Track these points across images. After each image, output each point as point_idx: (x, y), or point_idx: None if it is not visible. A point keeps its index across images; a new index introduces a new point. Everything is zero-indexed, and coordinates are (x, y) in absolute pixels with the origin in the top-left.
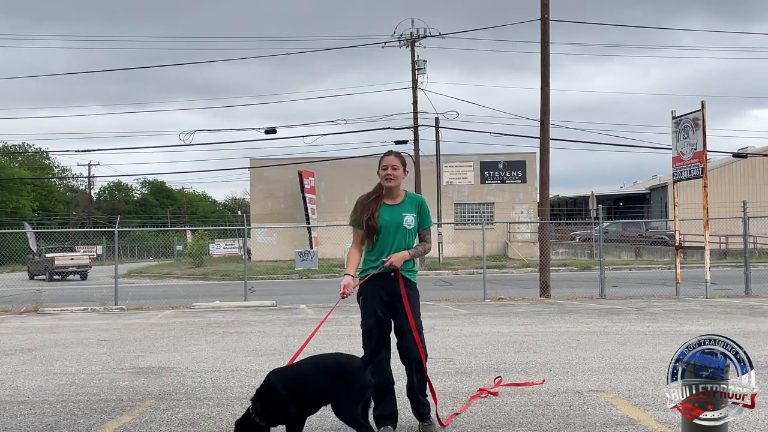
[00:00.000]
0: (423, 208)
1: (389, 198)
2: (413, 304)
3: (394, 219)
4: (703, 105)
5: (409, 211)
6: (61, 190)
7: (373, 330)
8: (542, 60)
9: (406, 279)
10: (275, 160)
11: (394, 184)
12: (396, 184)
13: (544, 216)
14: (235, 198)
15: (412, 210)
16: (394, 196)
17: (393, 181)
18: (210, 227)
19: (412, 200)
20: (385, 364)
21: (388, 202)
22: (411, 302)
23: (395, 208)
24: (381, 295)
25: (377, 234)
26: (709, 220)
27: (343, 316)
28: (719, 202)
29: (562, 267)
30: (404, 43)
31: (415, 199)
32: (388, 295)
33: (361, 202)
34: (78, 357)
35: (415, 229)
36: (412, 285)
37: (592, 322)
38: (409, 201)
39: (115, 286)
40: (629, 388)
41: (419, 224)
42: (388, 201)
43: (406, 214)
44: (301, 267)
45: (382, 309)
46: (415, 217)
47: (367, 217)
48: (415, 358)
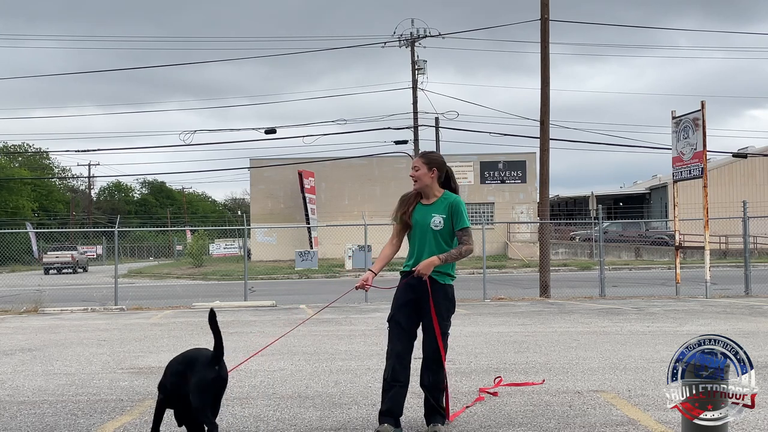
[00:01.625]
0: (455, 208)
1: (425, 198)
2: (439, 307)
3: (424, 219)
4: (703, 105)
5: (438, 211)
6: (61, 190)
7: (391, 323)
8: (542, 60)
9: (437, 282)
10: (275, 160)
11: (418, 185)
12: (420, 185)
13: (544, 216)
14: (235, 198)
15: (443, 211)
16: (429, 197)
17: (417, 182)
18: (210, 227)
19: (445, 201)
20: (397, 361)
21: (424, 202)
22: (437, 305)
23: (427, 208)
24: (409, 294)
25: (410, 232)
26: (709, 220)
27: (344, 316)
28: (719, 202)
29: (562, 267)
30: (404, 43)
31: (448, 200)
32: (415, 294)
33: (401, 199)
34: (78, 357)
35: (447, 231)
36: (445, 288)
37: (592, 322)
38: (441, 201)
39: (115, 286)
40: (629, 388)
41: (453, 225)
42: (423, 201)
43: (435, 215)
44: (301, 267)
45: (405, 309)
46: (444, 218)
47: (401, 213)
48: (429, 357)
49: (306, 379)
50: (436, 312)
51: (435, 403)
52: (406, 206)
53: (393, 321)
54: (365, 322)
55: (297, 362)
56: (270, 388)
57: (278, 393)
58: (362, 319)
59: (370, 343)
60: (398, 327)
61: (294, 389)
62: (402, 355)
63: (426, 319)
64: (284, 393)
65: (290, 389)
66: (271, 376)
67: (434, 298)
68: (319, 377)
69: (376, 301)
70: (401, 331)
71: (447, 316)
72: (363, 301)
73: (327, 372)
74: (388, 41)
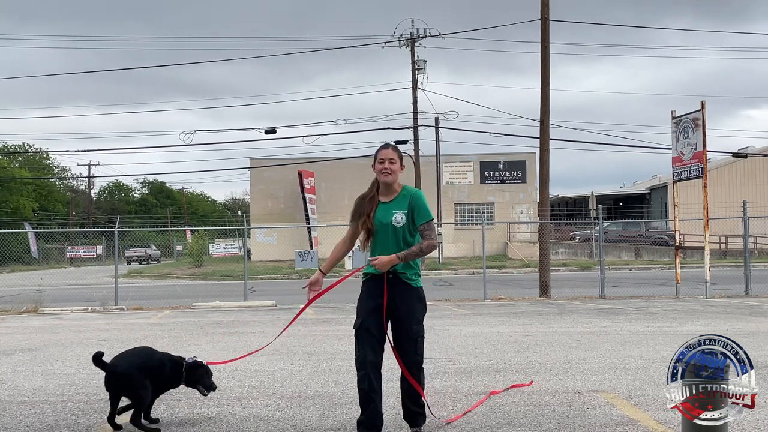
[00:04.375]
0: (415, 201)
1: (385, 195)
2: (414, 311)
3: (385, 218)
4: (703, 105)
5: (399, 207)
6: (61, 191)
7: (360, 330)
8: (542, 60)
9: (403, 282)
10: (275, 160)
11: (391, 179)
12: (393, 179)
13: (544, 216)
14: (235, 198)
15: (404, 206)
16: (390, 193)
17: (390, 175)
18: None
19: (405, 196)
20: (373, 370)
21: (383, 199)
22: (413, 309)
23: (387, 206)
24: (377, 299)
25: (372, 234)
26: (709, 220)
27: (344, 316)
28: (719, 202)
29: (562, 267)
30: (404, 43)
31: (408, 194)
32: (381, 298)
33: (359, 202)
34: (78, 357)
35: (408, 227)
36: (412, 289)
37: (592, 322)
38: (402, 197)
39: (115, 286)
40: (629, 388)
41: (414, 220)
42: (383, 198)
43: (396, 212)
44: (301, 267)
45: (373, 314)
46: (405, 214)
47: (362, 221)
48: (409, 363)
49: (306, 379)
50: (412, 316)
51: (415, 406)
52: (366, 211)
53: (362, 328)
54: None
55: (297, 362)
56: (270, 388)
57: (278, 393)
58: None
59: None
60: (369, 334)
61: (294, 389)
62: (376, 364)
63: (401, 324)
64: (284, 393)
65: (290, 389)
66: (271, 376)
67: (408, 301)
68: (319, 377)
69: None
70: (372, 338)
71: (422, 319)
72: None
73: (327, 372)
74: (389, 41)
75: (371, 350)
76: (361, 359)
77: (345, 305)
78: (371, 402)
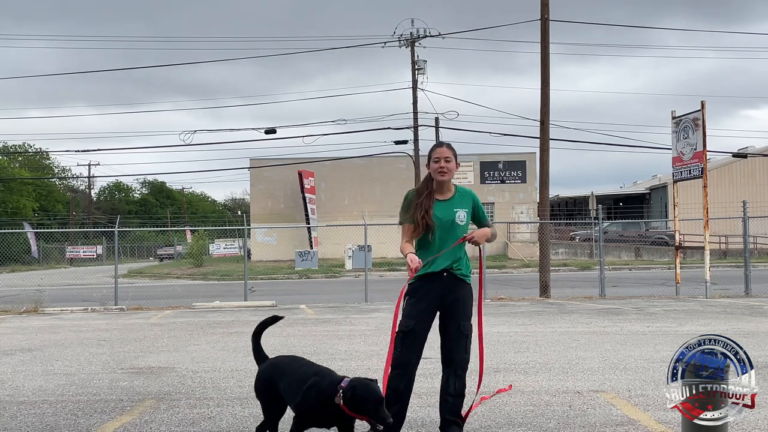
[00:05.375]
0: (477, 201)
1: (440, 193)
2: (468, 309)
3: (447, 216)
4: (703, 105)
5: (460, 206)
6: (61, 191)
7: (410, 333)
8: (542, 60)
9: (459, 279)
10: (275, 160)
11: (447, 178)
12: (449, 177)
13: (544, 216)
14: (235, 198)
15: (464, 205)
16: (445, 191)
17: (446, 174)
18: (210, 227)
19: (464, 195)
20: (412, 371)
21: (439, 197)
22: (466, 307)
23: (447, 203)
24: (434, 301)
25: (432, 232)
26: (709, 220)
27: (344, 316)
28: (719, 202)
29: (562, 267)
30: (404, 43)
31: (467, 194)
32: (436, 301)
33: (413, 199)
34: (78, 357)
35: (467, 226)
36: (467, 285)
37: (592, 322)
38: (460, 196)
39: (115, 286)
40: (629, 388)
41: (480, 220)
42: (438, 196)
43: (458, 210)
44: (301, 267)
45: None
46: (467, 213)
47: (421, 215)
48: (458, 364)
49: None
50: (465, 313)
51: (452, 415)
52: (424, 207)
53: (414, 331)
54: (365, 322)
55: None
56: None
57: None
58: (362, 319)
59: (370, 343)
60: (418, 338)
61: None
62: (416, 366)
63: (455, 321)
64: None
65: None
66: None
67: (464, 298)
68: None
69: (376, 302)
70: (421, 343)
71: (470, 315)
72: (363, 301)
73: None
74: (388, 41)
75: (416, 354)
76: (404, 361)
77: (345, 305)
78: (399, 402)
